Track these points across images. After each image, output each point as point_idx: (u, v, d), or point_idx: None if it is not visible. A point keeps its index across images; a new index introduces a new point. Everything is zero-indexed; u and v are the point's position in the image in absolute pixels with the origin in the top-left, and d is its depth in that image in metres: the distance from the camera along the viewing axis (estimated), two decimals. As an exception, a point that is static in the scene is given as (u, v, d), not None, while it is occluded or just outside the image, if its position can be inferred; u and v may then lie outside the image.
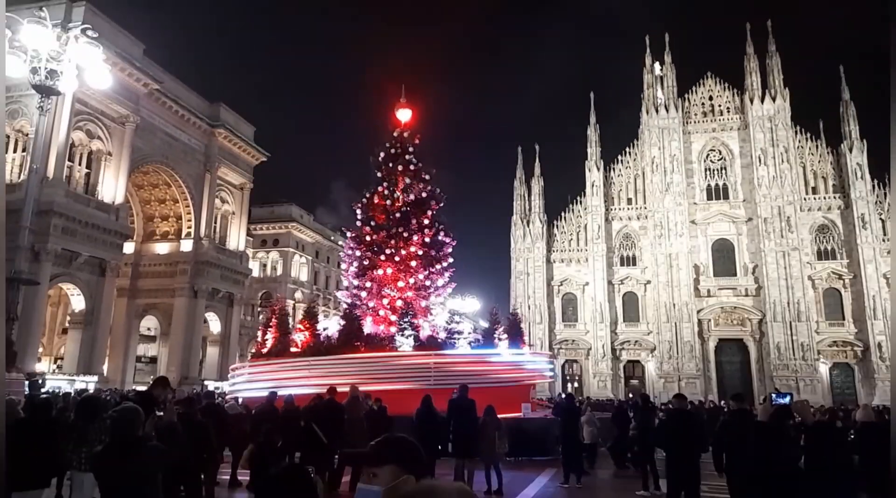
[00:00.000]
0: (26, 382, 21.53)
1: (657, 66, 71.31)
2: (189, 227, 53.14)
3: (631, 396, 47.61)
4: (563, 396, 25.90)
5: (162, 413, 7.28)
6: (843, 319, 62.08)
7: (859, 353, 60.41)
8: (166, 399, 8.37)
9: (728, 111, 69.31)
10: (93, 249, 41.73)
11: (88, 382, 36.67)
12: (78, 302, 42.78)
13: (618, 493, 14.75)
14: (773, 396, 6.47)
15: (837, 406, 32.50)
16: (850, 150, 63.60)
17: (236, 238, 58.89)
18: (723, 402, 38.77)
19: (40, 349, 44.78)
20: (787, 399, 6.33)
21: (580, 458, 15.24)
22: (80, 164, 42.57)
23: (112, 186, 43.92)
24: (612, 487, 15.96)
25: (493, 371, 21.15)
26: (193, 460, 7.86)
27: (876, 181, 62.50)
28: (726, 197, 67.61)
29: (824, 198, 65.01)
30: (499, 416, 13.79)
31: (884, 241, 60.10)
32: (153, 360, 53.88)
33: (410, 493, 1.82)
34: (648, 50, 71.82)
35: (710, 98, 70.49)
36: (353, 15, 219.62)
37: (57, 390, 28.03)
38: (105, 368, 45.48)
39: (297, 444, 11.66)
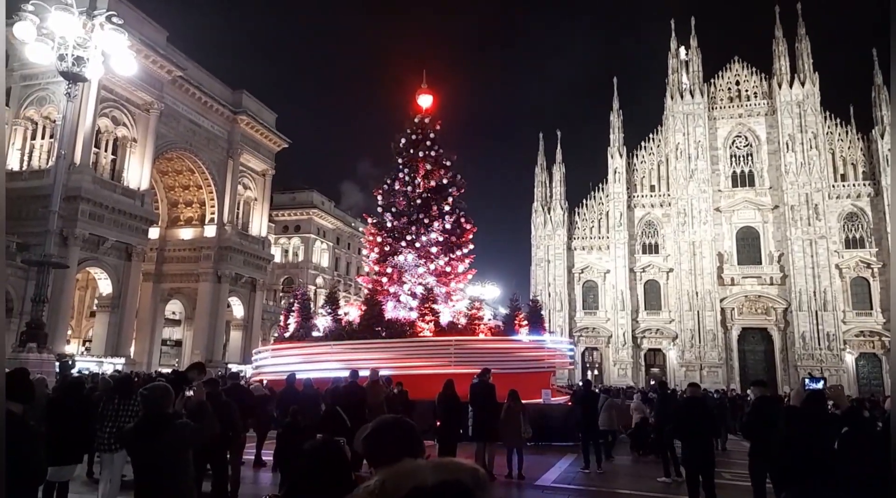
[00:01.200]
0: (57, 363, 22.09)
1: (682, 50, 70.03)
2: (212, 213, 53.74)
3: (652, 382, 47.34)
4: (581, 383, 25.87)
5: (191, 393, 7.45)
6: (871, 308, 60.96)
7: (887, 343, 59.27)
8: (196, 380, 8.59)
9: (755, 96, 67.88)
10: (119, 234, 42.48)
11: (116, 364, 37.51)
12: (105, 286, 43.65)
13: (638, 479, 14.71)
14: (806, 380, 6.38)
15: (866, 397, 32.01)
16: (882, 136, 62.07)
17: (258, 224, 59.45)
18: (748, 391, 38.23)
19: (69, 332, 45.79)
20: (821, 384, 6.26)
21: (600, 443, 15.23)
22: (106, 151, 43.22)
23: (137, 172, 44.56)
24: (633, 472, 15.92)
25: (517, 357, 21.16)
26: (220, 439, 8.04)
27: (908, 168, 61.04)
28: (752, 184, 66.46)
29: (853, 185, 63.64)
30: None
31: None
32: (178, 343, 54.87)
33: (385, 478, 1.77)
34: (674, 34, 70.61)
35: (737, 83, 69.08)
36: (372, 7, 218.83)
37: (86, 371, 28.74)
38: (132, 350, 46.47)
39: (317, 426, 11.82)
